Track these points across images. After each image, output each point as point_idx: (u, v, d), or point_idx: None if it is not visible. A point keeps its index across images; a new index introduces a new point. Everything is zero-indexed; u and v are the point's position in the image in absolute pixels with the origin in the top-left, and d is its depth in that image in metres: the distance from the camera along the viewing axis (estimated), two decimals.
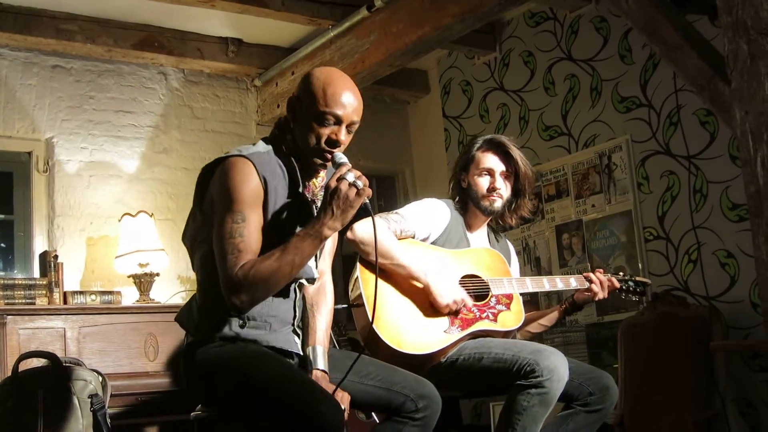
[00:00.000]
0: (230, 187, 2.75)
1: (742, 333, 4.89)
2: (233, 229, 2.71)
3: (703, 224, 5.15)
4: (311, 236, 2.69)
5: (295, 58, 6.40)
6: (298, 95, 2.88)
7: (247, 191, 2.75)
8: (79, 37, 5.83)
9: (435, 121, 7.19)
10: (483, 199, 3.77)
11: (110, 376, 4.45)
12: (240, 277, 2.66)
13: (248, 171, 2.77)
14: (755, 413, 4.83)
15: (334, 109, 2.80)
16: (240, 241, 2.70)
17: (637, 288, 3.99)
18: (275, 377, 2.73)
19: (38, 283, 5.30)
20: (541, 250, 6.15)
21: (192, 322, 2.93)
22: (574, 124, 5.98)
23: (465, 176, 3.83)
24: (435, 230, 3.70)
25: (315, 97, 2.81)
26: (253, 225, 2.74)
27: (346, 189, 2.66)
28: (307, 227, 2.72)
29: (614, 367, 5.17)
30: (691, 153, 5.24)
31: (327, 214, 2.68)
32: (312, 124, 2.82)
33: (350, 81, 2.90)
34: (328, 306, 3.08)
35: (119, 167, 6.13)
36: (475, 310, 3.57)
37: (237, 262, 2.68)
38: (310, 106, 2.81)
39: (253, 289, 2.68)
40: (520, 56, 6.43)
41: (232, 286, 2.68)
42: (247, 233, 2.72)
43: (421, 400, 2.99)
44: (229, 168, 2.79)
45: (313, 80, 2.85)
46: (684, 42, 3.83)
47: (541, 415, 3.34)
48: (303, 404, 2.62)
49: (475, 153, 3.81)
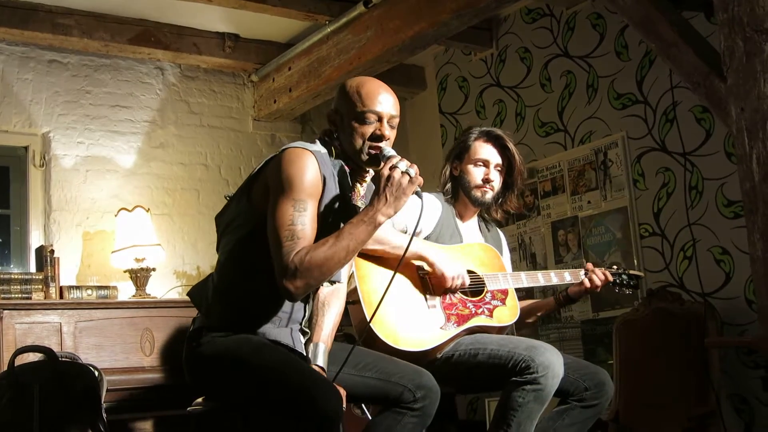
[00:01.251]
0: (294, 175, 2.79)
1: (736, 329, 4.90)
2: (294, 216, 2.74)
3: (699, 221, 5.16)
4: (365, 222, 2.75)
5: (291, 54, 6.40)
6: (335, 107, 2.99)
7: (310, 182, 2.80)
8: (76, 32, 5.82)
9: (431, 117, 7.19)
10: (475, 190, 3.78)
11: (106, 371, 4.45)
12: (296, 262, 2.69)
13: (312, 163, 2.82)
14: (750, 409, 4.85)
15: (372, 107, 2.92)
16: (300, 228, 2.73)
17: (630, 281, 4.00)
18: (276, 364, 2.76)
19: (34, 277, 5.30)
20: (536, 247, 6.16)
21: (205, 301, 2.96)
22: (571, 120, 5.98)
23: (458, 165, 3.84)
24: (427, 224, 3.69)
25: (352, 101, 2.93)
26: (312, 215, 2.78)
27: (399, 177, 2.76)
28: (361, 214, 2.78)
29: (609, 363, 5.18)
30: (687, 150, 5.25)
31: (381, 201, 2.75)
32: (354, 126, 2.91)
33: (381, 82, 3.02)
34: (339, 307, 3.12)
35: (116, 162, 6.13)
36: (470, 305, 3.57)
37: (294, 248, 2.71)
38: (349, 110, 2.93)
39: (308, 275, 2.71)
40: (517, 52, 6.43)
41: (287, 271, 2.70)
42: (307, 222, 2.75)
43: (419, 390, 3.00)
44: (294, 157, 2.83)
45: (347, 88, 2.98)
46: (680, 39, 3.84)
47: (536, 412, 3.35)
48: (303, 391, 2.64)
49: (471, 143, 3.82)
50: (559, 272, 3.86)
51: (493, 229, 4.01)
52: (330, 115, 3.01)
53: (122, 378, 4.88)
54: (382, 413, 3.05)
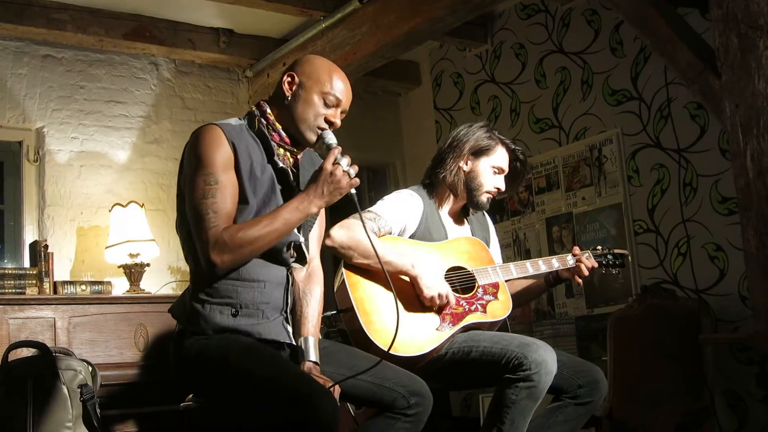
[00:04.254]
0: (200, 152, 2.85)
1: (730, 326, 4.91)
2: (206, 190, 2.80)
3: (693, 217, 5.17)
4: (299, 210, 2.83)
5: (286, 50, 6.40)
6: (298, 73, 3.01)
7: (217, 155, 2.84)
8: (70, 27, 5.81)
9: (426, 113, 7.19)
10: (484, 194, 3.74)
11: (100, 366, 4.45)
12: (226, 237, 2.76)
13: (216, 136, 2.87)
14: (744, 406, 4.85)
15: (338, 94, 2.98)
16: (213, 201, 2.79)
17: (616, 261, 3.97)
18: (269, 370, 2.73)
19: (28, 272, 5.29)
20: (531, 243, 6.16)
21: (184, 312, 2.93)
22: (565, 116, 5.98)
23: (472, 161, 3.77)
24: (411, 222, 3.65)
25: (321, 78, 2.98)
26: (226, 187, 2.83)
27: (341, 174, 2.81)
28: (297, 200, 2.84)
29: (603, 359, 5.18)
30: (681, 146, 5.25)
31: (317, 193, 2.83)
32: (314, 101, 2.97)
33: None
34: (319, 292, 3.09)
35: (110, 157, 6.12)
36: (464, 303, 3.56)
37: (217, 222, 2.78)
38: (316, 84, 2.97)
39: (238, 251, 2.78)
40: (512, 48, 6.43)
41: (215, 245, 2.76)
42: (220, 196, 2.81)
43: (413, 397, 2.98)
44: (197, 135, 2.90)
45: (317, 63, 3.04)
46: (675, 35, 3.84)
47: (529, 409, 3.34)
48: (298, 397, 2.61)
49: (495, 146, 3.77)
50: (547, 259, 3.82)
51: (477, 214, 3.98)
52: (291, 77, 3.01)
53: (116, 373, 4.88)
54: (375, 417, 3.04)
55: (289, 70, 3.04)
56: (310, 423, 2.58)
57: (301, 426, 2.59)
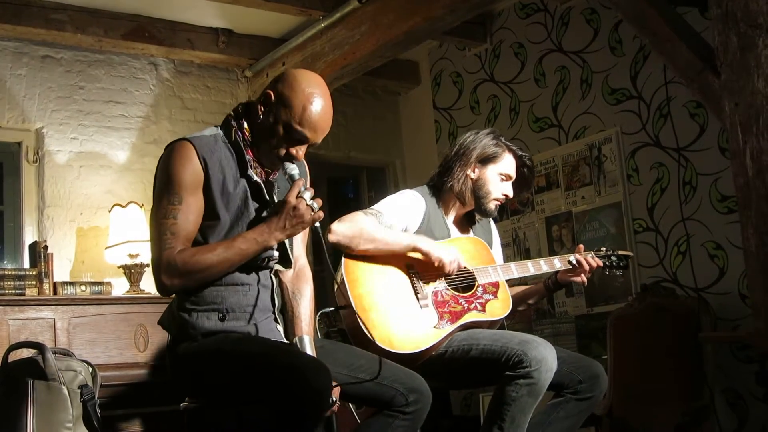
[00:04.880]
0: (168, 170, 2.82)
1: (730, 324, 4.91)
2: (168, 210, 2.78)
3: (693, 216, 5.17)
4: (258, 242, 2.79)
5: (285, 49, 6.39)
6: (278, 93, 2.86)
7: (185, 174, 2.80)
8: (69, 27, 5.81)
9: (426, 112, 7.19)
10: (492, 201, 3.75)
11: (100, 367, 4.44)
12: (179, 262, 2.74)
13: (187, 154, 2.82)
14: (743, 404, 4.86)
15: (306, 132, 2.84)
16: (173, 223, 2.77)
17: (620, 262, 3.97)
18: (262, 349, 2.76)
19: (28, 273, 5.29)
20: (531, 242, 6.16)
21: (174, 323, 2.93)
22: (565, 115, 5.99)
23: (479, 169, 3.77)
24: (412, 222, 3.66)
25: (293, 110, 2.82)
26: (189, 209, 2.80)
27: (304, 209, 2.76)
28: (256, 232, 2.79)
29: (603, 358, 5.18)
30: (681, 145, 5.25)
31: (278, 227, 2.78)
32: (278, 131, 2.85)
33: (330, 102, 2.90)
34: (309, 291, 3.09)
35: (109, 158, 6.12)
36: (462, 301, 3.56)
37: (174, 244, 2.75)
38: (284, 115, 2.83)
39: (188, 277, 2.77)
40: (511, 48, 6.43)
41: (167, 268, 2.75)
42: (182, 217, 2.78)
43: (411, 395, 2.98)
44: (169, 152, 2.87)
45: (297, 88, 2.85)
46: (674, 34, 3.85)
47: (530, 406, 3.35)
48: (291, 369, 2.62)
49: (503, 153, 3.77)
50: (549, 260, 3.83)
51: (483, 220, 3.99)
52: (268, 97, 2.87)
53: (116, 374, 4.88)
54: (374, 415, 3.04)
55: (271, 84, 2.91)
56: (299, 388, 2.59)
57: (295, 394, 2.60)
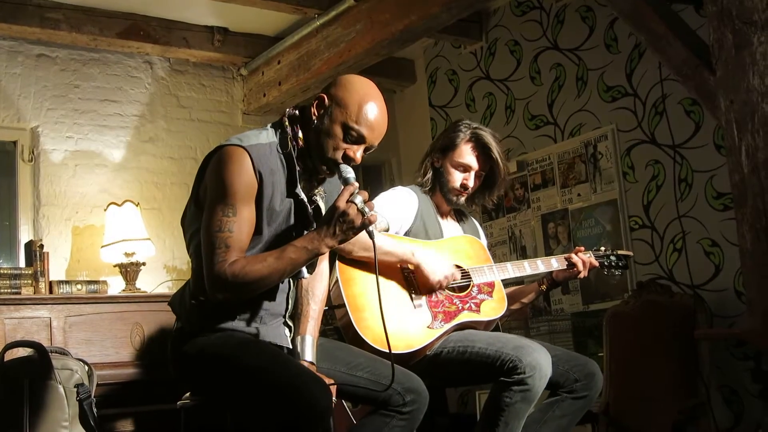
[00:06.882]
0: (224, 179, 2.72)
1: (726, 321, 4.91)
2: (223, 222, 2.69)
3: (688, 213, 5.17)
4: (308, 251, 2.69)
5: (281, 47, 6.39)
6: (331, 96, 2.84)
7: (240, 184, 2.71)
8: (64, 26, 5.80)
9: (421, 110, 7.19)
10: (451, 191, 3.76)
11: (96, 366, 4.45)
12: (228, 274, 2.66)
13: (244, 163, 2.73)
14: (739, 401, 4.86)
15: (362, 129, 2.81)
16: (229, 236, 2.68)
17: (619, 262, 3.97)
18: (264, 360, 2.74)
19: (24, 272, 5.29)
20: (526, 239, 6.17)
21: (183, 309, 2.92)
22: (560, 113, 5.98)
23: (440, 158, 3.79)
24: (406, 219, 3.67)
25: (349, 108, 2.80)
26: (243, 220, 2.72)
27: (354, 214, 2.65)
28: (306, 240, 2.70)
29: (599, 355, 5.19)
30: (677, 142, 5.26)
31: (329, 233, 2.68)
32: (335, 132, 2.80)
33: (384, 104, 2.88)
34: (321, 291, 3.08)
35: (105, 156, 6.11)
36: (457, 301, 3.56)
37: (226, 257, 2.67)
38: (340, 115, 2.80)
39: (239, 289, 2.70)
40: (506, 45, 6.43)
41: (218, 281, 2.68)
42: (237, 228, 2.70)
43: (408, 394, 2.99)
44: (225, 158, 2.75)
45: (351, 89, 2.83)
46: (669, 31, 3.84)
47: (524, 411, 3.36)
48: (292, 388, 2.62)
49: (459, 143, 3.75)
50: (546, 259, 3.83)
51: (468, 220, 4.00)
52: (321, 100, 2.84)
53: (112, 372, 4.88)
54: (370, 414, 3.04)
55: (324, 89, 2.89)
56: (300, 408, 2.59)
57: (296, 414, 2.60)
